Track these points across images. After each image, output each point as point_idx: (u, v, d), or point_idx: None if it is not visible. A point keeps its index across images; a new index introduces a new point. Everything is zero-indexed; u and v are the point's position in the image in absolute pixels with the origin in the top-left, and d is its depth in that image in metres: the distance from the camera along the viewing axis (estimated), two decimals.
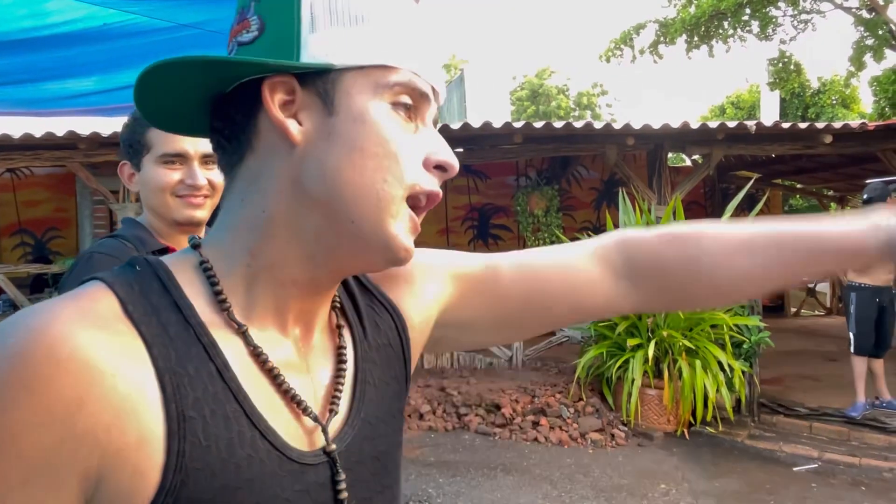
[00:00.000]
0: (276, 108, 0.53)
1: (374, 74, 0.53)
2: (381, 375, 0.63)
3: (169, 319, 0.50)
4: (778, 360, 6.93)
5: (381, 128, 0.52)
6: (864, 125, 6.44)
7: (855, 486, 4.28)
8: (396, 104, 0.53)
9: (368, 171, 0.52)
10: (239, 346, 0.52)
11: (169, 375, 0.47)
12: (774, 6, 10.59)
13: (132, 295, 0.49)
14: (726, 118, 15.50)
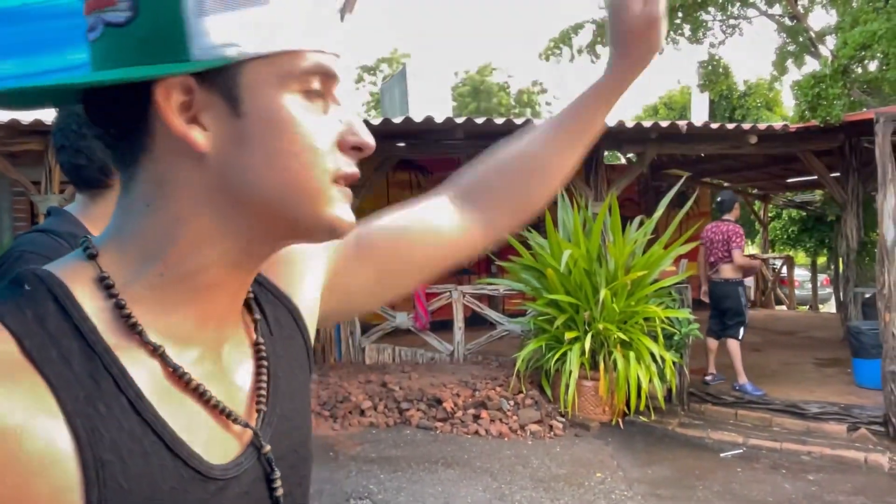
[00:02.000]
0: (175, 114, 0.47)
1: (279, 63, 0.48)
2: (289, 367, 0.61)
3: (71, 349, 0.44)
4: (706, 351, 7.23)
5: (297, 123, 0.49)
6: (787, 127, 6.79)
7: (776, 469, 4.52)
8: (308, 92, 0.49)
9: (293, 170, 0.49)
10: (154, 368, 0.48)
11: (80, 419, 0.43)
12: (705, 11, 11.00)
13: (26, 326, 0.44)
14: (659, 118, 16.01)
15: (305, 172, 0.50)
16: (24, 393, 0.41)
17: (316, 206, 0.51)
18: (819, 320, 10.28)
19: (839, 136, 7.00)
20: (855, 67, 7.00)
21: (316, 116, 0.50)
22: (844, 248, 7.22)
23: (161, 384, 0.48)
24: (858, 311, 7.10)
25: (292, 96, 0.49)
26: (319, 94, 0.50)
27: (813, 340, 8.27)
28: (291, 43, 0.48)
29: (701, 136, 6.81)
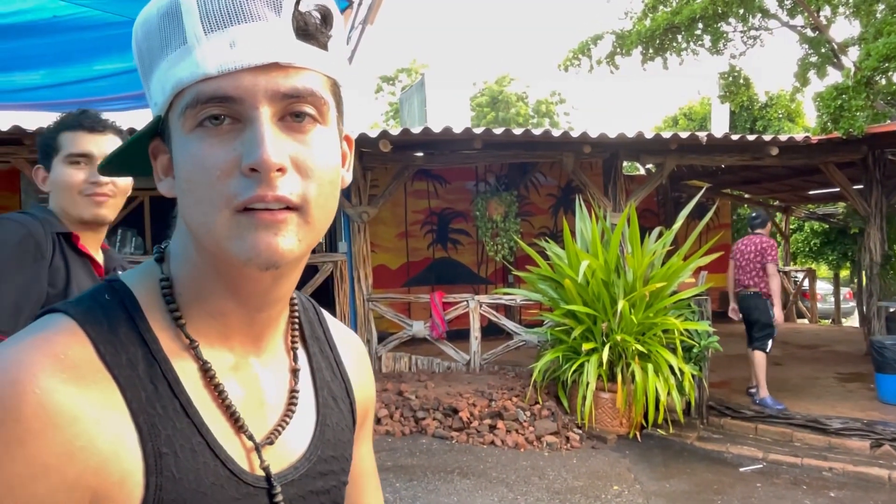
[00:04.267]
0: (157, 171, 0.57)
1: (174, 108, 0.51)
2: (339, 422, 0.67)
3: (137, 356, 0.52)
4: (726, 364, 7.15)
5: (183, 164, 0.51)
6: (808, 139, 6.72)
7: (797, 485, 4.44)
8: (200, 124, 0.50)
9: (193, 206, 0.51)
10: (193, 367, 0.55)
11: (143, 416, 0.50)
12: (725, 22, 10.95)
13: (102, 333, 0.51)
14: (679, 129, 15.93)
15: (199, 207, 0.51)
16: (99, 391, 0.49)
17: (215, 239, 0.51)
18: (841, 334, 10.11)
19: (862, 148, 6.91)
20: (878, 79, 6.91)
21: (204, 150, 0.50)
22: (867, 261, 7.11)
23: (199, 384, 0.55)
24: (882, 325, 6.97)
25: (187, 135, 0.51)
26: (232, 118, 0.50)
27: (835, 355, 8.13)
28: (175, 83, 0.50)
29: (721, 148, 6.76)
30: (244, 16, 0.49)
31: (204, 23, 0.49)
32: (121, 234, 7.24)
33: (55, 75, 2.89)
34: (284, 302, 0.61)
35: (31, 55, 2.67)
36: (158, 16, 0.51)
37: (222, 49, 0.49)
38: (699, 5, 10.12)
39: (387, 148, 6.16)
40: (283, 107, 0.50)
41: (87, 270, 1.50)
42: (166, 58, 0.50)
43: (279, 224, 0.50)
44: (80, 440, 0.47)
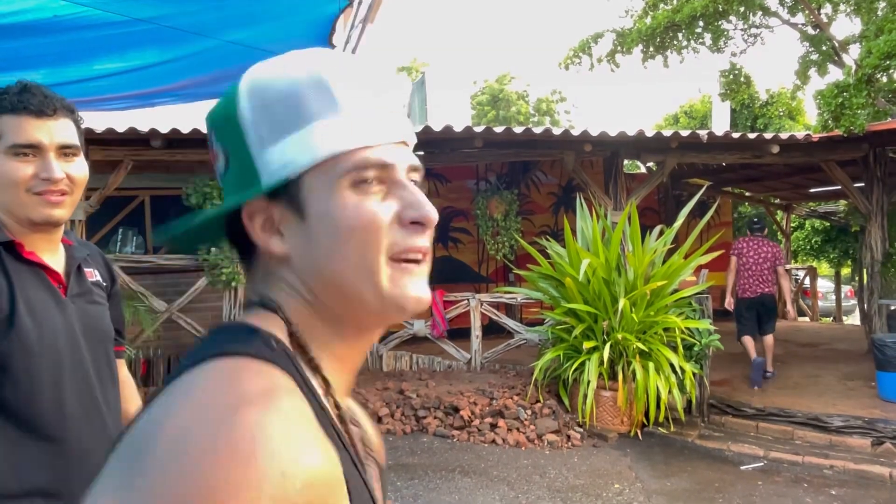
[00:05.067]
0: (257, 230, 0.58)
1: (325, 168, 0.55)
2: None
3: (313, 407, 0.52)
4: (727, 362, 7.14)
5: (345, 216, 0.55)
6: (809, 137, 6.71)
7: (797, 483, 4.44)
8: (359, 182, 0.56)
9: (347, 256, 0.55)
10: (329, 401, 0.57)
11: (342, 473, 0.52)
12: (726, 20, 10.94)
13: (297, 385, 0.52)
14: (679, 127, 15.92)
15: (357, 257, 0.55)
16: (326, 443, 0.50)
17: (372, 285, 0.56)
18: (843, 332, 10.10)
19: (863, 146, 6.90)
20: (879, 77, 6.90)
21: (369, 204, 0.56)
22: (869, 259, 7.10)
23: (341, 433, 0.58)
24: (883, 323, 6.97)
25: (344, 192, 0.55)
26: (378, 181, 0.56)
27: (836, 353, 8.12)
28: (329, 149, 0.55)
29: (722, 146, 6.75)
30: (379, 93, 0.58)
31: (355, 97, 0.57)
32: (121, 234, 7.24)
33: (55, 75, 2.89)
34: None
35: (31, 55, 2.67)
36: (297, 83, 0.56)
37: (376, 124, 0.57)
38: (700, 3, 10.11)
39: None
40: (409, 176, 0.59)
41: (39, 280, 1.27)
42: (313, 124, 0.55)
43: (422, 276, 0.58)
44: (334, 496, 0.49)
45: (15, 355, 1.19)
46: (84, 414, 1.28)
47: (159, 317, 6.46)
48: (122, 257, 6.54)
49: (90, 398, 1.30)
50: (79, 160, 1.29)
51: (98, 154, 6.03)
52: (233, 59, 3.19)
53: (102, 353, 1.38)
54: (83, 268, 1.39)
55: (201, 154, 6.51)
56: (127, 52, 2.86)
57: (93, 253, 1.47)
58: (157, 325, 6.40)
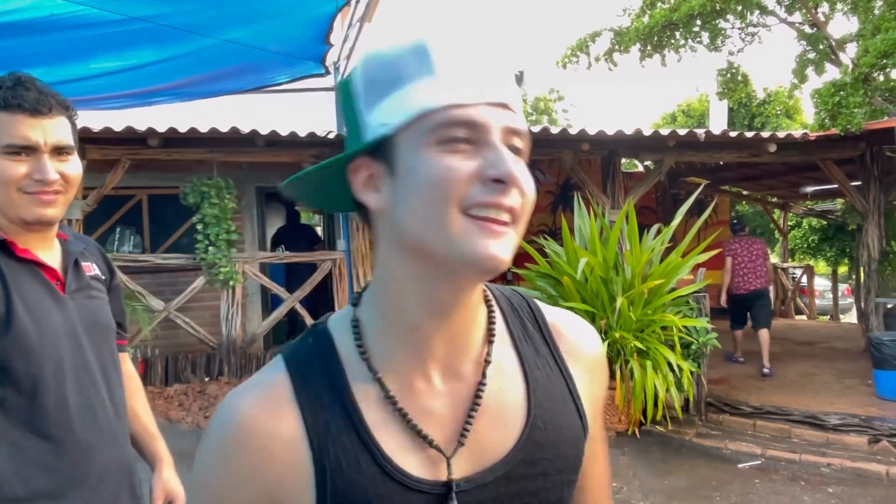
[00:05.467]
0: (359, 186, 0.63)
1: (416, 127, 0.58)
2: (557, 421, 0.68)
3: (323, 388, 0.63)
4: (724, 361, 7.16)
5: (424, 171, 0.58)
6: (806, 135, 6.72)
7: (795, 481, 4.45)
8: (445, 141, 0.58)
9: (423, 209, 0.58)
10: (379, 397, 0.63)
11: (317, 439, 0.61)
12: (723, 18, 10.94)
13: (299, 371, 0.64)
14: (677, 126, 15.94)
15: (433, 210, 0.57)
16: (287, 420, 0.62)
17: (447, 240, 0.58)
18: (840, 331, 10.13)
19: (860, 145, 6.91)
20: (876, 75, 6.91)
21: (451, 161, 0.57)
22: (865, 257, 7.12)
23: (382, 408, 0.63)
24: (880, 321, 6.98)
25: (429, 149, 0.58)
26: (468, 141, 0.58)
27: (833, 351, 8.14)
28: (419, 107, 0.58)
29: (719, 145, 6.76)
30: (480, 66, 0.60)
31: (452, 63, 0.59)
32: (119, 233, 7.23)
33: (52, 74, 2.88)
34: (476, 308, 0.67)
35: (28, 53, 2.67)
36: (401, 51, 0.60)
37: (469, 84, 0.59)
38: (697, 2, 10.11)
39: None
40: (508, 139, 0.60)
41: (36, 278, 1.24)
42: (408, 86, 0.58)
43: (502, 235, 0.58)
44: (268, 458, 0.60)
45: (15, 357, 1.16)
46: (88, 413, 1.26)
47: (157, 316, 6.45)
48: (120, 256, 6.53)
49: (94, 396, 1.28)
50: (73, 159, 1.26)
51: (95, 153, 6.02)
52: (230, 57, 3.19)
53: (106, 348, 1.35)
54: (80, 262, 1.35)
55: (199, 153, 6.50)
56: (124, 51, 2.86)
57: (89, 246, 1.44)
58: (154, 324, 6.39)
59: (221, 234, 6.51)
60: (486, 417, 0.65)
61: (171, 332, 6.91)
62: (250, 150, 6.63)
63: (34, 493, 1.17)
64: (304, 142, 6.58)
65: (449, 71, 0.58)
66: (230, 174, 6.76)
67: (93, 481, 1.25)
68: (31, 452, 1.18)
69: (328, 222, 8.44)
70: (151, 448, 1.56)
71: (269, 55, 3.19)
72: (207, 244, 6.49)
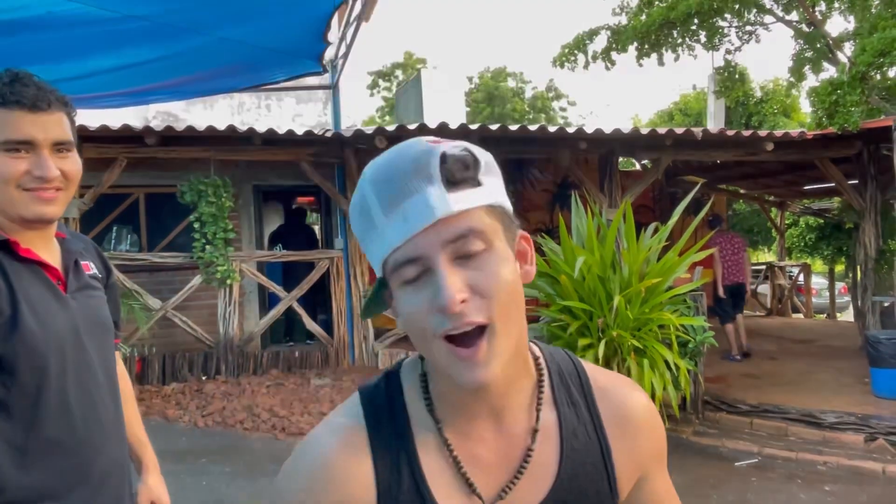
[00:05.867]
0: (394, 308, 0.69)
1: (386, 272, 0.66)
2: (586, 485, 0.73)
3: (391, 434, 0.70)
4: (720, 359, 7.18)
5: (405, 307, 0.65)
6: (803, 134, 6.73)
7: (791, 479, 4.46)
8: (405, 282, 0.64)
9: (415, 339, 0.66)
10: (435, 440, 0.70)
11: (384, 483, 0.68)
12: (721, 17, 10.94)
13: (375, 416, 0.71)
14: (674, 124, 15.95)
15: (417, 339, 0.66)
16: (362, 464, 0.69)
17: (435, 362, 0.66)
18: (836, 329, 10.15)
19: (857, 144, 6.93)
20: (873, 74, 6.92)
21: (409, 298, 0.64)
22: (862, 256, 7.14)
23: (438, 455, 0.70)
24: (877, 319, 7.01)
25: (398, 290, 0.65)
26: (420, 274, 0.63)
27: (830, 349, 8.16)
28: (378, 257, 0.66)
29: (717, 143, 6.77)
30: (407, 194, 0.63)
31: (384, 209, 0.64)
32: (116, 231, 7.22)
33: (49, 72, 2.87)
34: (513, 385, 0.71)
35: (24, 51, 2.66)
36: (357, 209, 0.67)
37: (399, 224, 0.63)
38: (695, 0, 10.11)
39: (383, 144, 6.15)
40: (455, 248, 0.63)
41: (39, 278, 1.23)
42: (369, 239, 0.66)
43: (477, 353, 0.63)
44: (347, 496, 0.67)
45: (20, 358, 1.15)
46: (91, 412, 1.26)
47: (154, 315, 6.44)
48: (117, 255, 6.52)
49: (97, 395, 1.28)
50: (73, 155, 1.25)
51: (92, 151, 6.00)
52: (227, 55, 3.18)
53: (107, 348, 1.35)
54: (80, 261, 1.35)
55: (195, 151, 6.49)
56: (121, 49, 2.85)
57: (87, 245, 1.44)
58: (151, 322, 6.38)
59: (219, 233, 6.50)
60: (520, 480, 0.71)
61: (168, 331, 6.90)
62: (247, 148, 6.62)
63: (38, 494, 1.16)
64: (302, 140, 6.57)
65: (381, 219, 0.64)
66: (227, 173, 6.75)
67: (95, 481, 1.24)
68: (34, 453, 1.17)
69: (325, 221, 8.44)
70: (139, 454, 1.55)
71: (266, 53, 3.18)
72: (204, 243, 6.49)
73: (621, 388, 0.80)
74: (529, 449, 0.72)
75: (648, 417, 0.79)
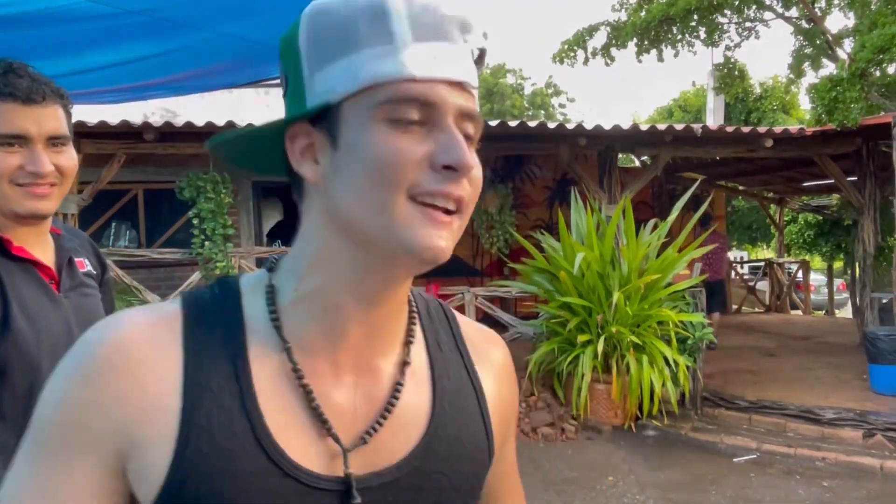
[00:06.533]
0: (296, 154, 0.58)
1: (364, 98, 0.53)
2: (460, 435, 0.63)
3: (217, 339, 0.57)
4: (720, 356, 7.18)
5: (370, 150, 0.53)
6: (803, 130, 6.73)
7: (790, 475, 4.48)
8: (394, 119, 0.53)
9: (366, 191, 0.53)
10: (279, 366, 0.57)
11: (194, 390, 0.54)
12: (721, 13, 10.93)
13: (197, 314, 0.58)
14: (674, 120, 15.94)
15: (377, 193, 0.53)
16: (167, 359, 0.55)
17: (388, 225, 0.53)
18: (835, 325, 10.17)
19: (856, 140, 6.92)
20: (873, 71, 6.92)
21: (401, 143, 0.53)
22: (861, 252, 7.14)
23: (279, 382, 0.57)
24: (875, 316, 7.02)
25: (377, 126, 0.53)
26: (420, 122, 0.53)
27: (829, 346, 8.18)
28: (371, 78, 0.53)
29: (716, 140, 6.77)
30: (444, 34, 0.55)
31: (414, 31, 0.53)
32: (115, 227, 7.21)
33: (46, 68, 2.85)
34: (402, 303, 0.63)
35: (21, 47, 2.64)
36: (355, 10, 0.54)
37: (427, 58, 0.53)
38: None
39: None
40: (460, 123, 0.55)
41: (31, 278, 1.20)
42: (361, 51, 0.53)
43: (447, 226, 0.55)
44: (136, 390, 0.53)
45: (12, 361, 1.12)
46: None
47: None
48: (116, 251, 6.51)
49: None
50: (68, 150, 1.21)
51: (91, 147, 5.99)
52: (227, 51, 3.17)
53: None
54: (74, 258, 1.31)
55: (194, 147, 6.48)
56: (120, 45, 2.84)
57: (82, 241, 1.40)
58: None
59: (217, 229, 6.49)
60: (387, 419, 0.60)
61: None
62: None
63: None
64: None
65: (407, 38, 0.53)
66: (226, 168, 6.74)
67: None
68: None
69: None
70: None
71: (266, 49, 3.17)
72: (203, 239, 6.48)
73: (485, 332, 0.73)
74: (398, 384, 0.61)
75: (511, 371, 0.73)
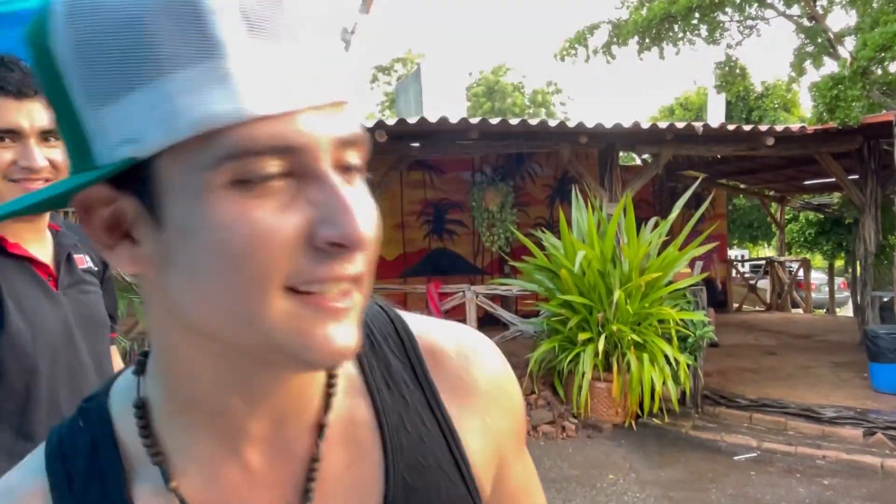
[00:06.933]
0: (97, 232, 0.39)
1: (192, 153, 0.34)
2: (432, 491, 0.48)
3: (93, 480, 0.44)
4: (721, 354, 7.19)
5: (218, 233, 0.35)
6: (804, 129, 6.72)
7: (790, 473, 4.47)
8: (243, 181, 0.35)
9: (220, 294, 0.36)
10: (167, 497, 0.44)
11: None
12: (722, 11, 10.91)
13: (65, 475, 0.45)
14: (675, 119, 15.93)
15: (234, 295, 0.36)
16: None
17: (265, 333, 0.37)
18: (836, 324, 10.16)
19: (857, 139, 6.92)
20: (874, 69, 6.90)
21: (258, 214, 0.35)
22: (862, 251, 7.14)
23: None
24: (876, 314, 7.02)
25: (219, 194, 0.35)
26: (282, 175, 0.35)
27: (829, 344, 8.17)
28: (205, 118, 0.34)
29: (717, 138, 6.76)
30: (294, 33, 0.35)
31: (251, 34, 0.34)
32: None
33: None
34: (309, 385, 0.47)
35: (18, 46, 2.65)
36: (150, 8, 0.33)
37: (278, 78, 0.34)
38: None
39: (382, 138, 6.14)
40: (338, 158, 0.38)
41: (28, 275, 1.17)
42: (172, 75, 0.34)
43: (346, 312, 0.38)
44: None
45: (8, 359, 1.11)
46: None
47: None
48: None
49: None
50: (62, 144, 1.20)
51: None
52: None
53: (101, 344, 1.31)
54: (73, 255, 1.29)
55: None
56: None
57: (82, 237, 1.36)
58: None
59: None
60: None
61: None
62: None
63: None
64: None
65: (242, 48, 0.34)
66: None
67: None
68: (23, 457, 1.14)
69: None
70: None
71: None
72: None
73: (458, 344, 0.53)
74: (314, 460, 0.45)
75: (502, 384, 0.54)
